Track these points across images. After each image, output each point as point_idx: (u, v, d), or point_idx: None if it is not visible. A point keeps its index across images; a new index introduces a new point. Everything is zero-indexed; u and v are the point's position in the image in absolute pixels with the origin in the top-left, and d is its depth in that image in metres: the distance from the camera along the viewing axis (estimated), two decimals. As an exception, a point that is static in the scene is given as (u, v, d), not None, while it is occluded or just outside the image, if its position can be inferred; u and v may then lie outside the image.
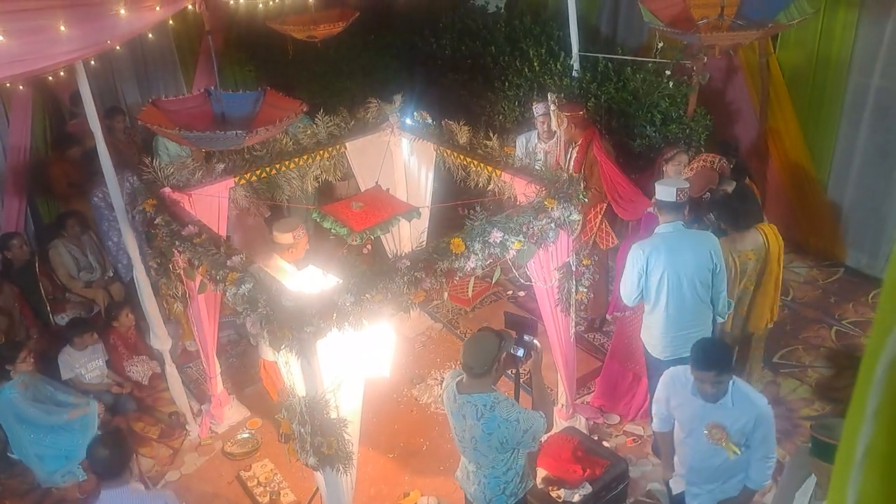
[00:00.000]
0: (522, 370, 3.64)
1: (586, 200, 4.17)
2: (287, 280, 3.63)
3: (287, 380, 3.46)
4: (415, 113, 4.95)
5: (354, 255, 5.03)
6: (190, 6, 3.71)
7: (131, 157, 6.29)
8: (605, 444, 4.60)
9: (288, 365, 3.37)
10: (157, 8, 3.51)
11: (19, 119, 6.33)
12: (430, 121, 4.87)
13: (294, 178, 4.63)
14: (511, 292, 6.35)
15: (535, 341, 3.31)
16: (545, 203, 3.80)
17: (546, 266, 4.07)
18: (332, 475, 3.44)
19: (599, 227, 5.38)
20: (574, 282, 4.23)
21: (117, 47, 3.92)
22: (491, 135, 4.43)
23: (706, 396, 3.22)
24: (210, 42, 4.00)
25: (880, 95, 5.71)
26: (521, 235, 3.70)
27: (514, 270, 4.01)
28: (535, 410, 3.20)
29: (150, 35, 4.28)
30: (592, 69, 6.09)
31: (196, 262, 3.62)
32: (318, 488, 4.00)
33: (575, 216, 3.93)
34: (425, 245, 3.62)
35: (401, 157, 5.20)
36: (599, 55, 6.15)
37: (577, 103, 5.41)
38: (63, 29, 3.06)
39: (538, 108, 5.50)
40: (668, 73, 5.65)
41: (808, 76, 6.05)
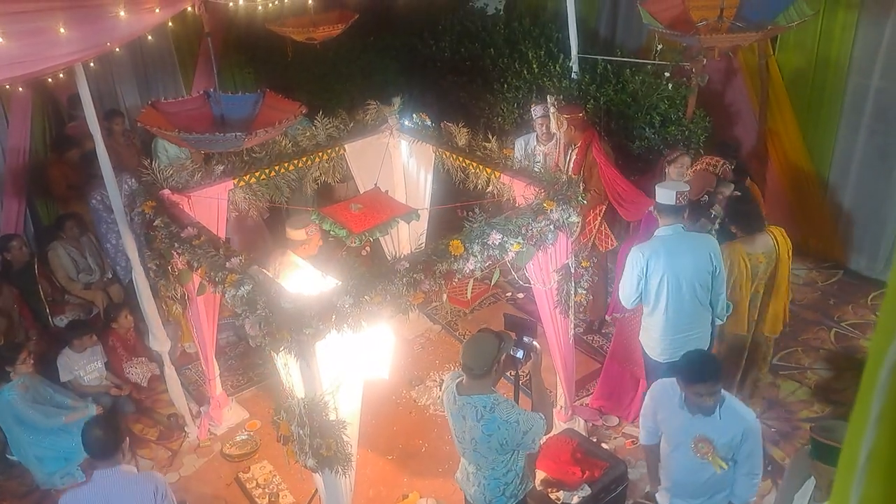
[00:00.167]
0: (522, 372, 3.63)
1: (585, 202, 4.17)
2: (300, 275, 3.64)
3: (286, 381, 3.46)
4: (414, 115, 4.95)
5: (353, 257, 5.03)
6: (189, 8, 3.71)
7: (130, 159, 6.29)
8: (603, 445, 4.59)
9: (287, 367, 3.37)
10: (157, 10, 3.52)
11: (19, 121, 6.34)
12: (429, 123, 4.88)
13: (293, 179, 4.64)
14: (510, 294, 6.34)
15: (535, 343, 3.31)
16: (544, 205, 3.79)
17: (545, 268, 4.07)
18: (330, 477, 3.44)
19: (599, 230, 5.38)
20: (573, 284, 4.23)
21: (117, 49, 3.92)
22: (490, 137, 4.44)
23: (701, 409, 3.17)
24: (209, 44, 4.00)
25: (880, 97, 5.71)
26: (519, 237, 3.70)
27: (513, 272, 4.01)
28: (534, 412, 3.20)
29: (150, 37, 4.28)
30: (591, 71, 6.09)
31: (195, 264, 3.62)
32: (316, 490, 3.99)
33: (574, 218, 3.93)
34: (424, 247, 3.61)
35: (400, 159, 5.20)
36: (598, 57, 6.15)
37: (576, 105, 5.41)
38: (62, 31, 3.06)
39: (537, 111, 5.50)
40: (667, 74, 5.65)
41: (807, 78, 6.05)
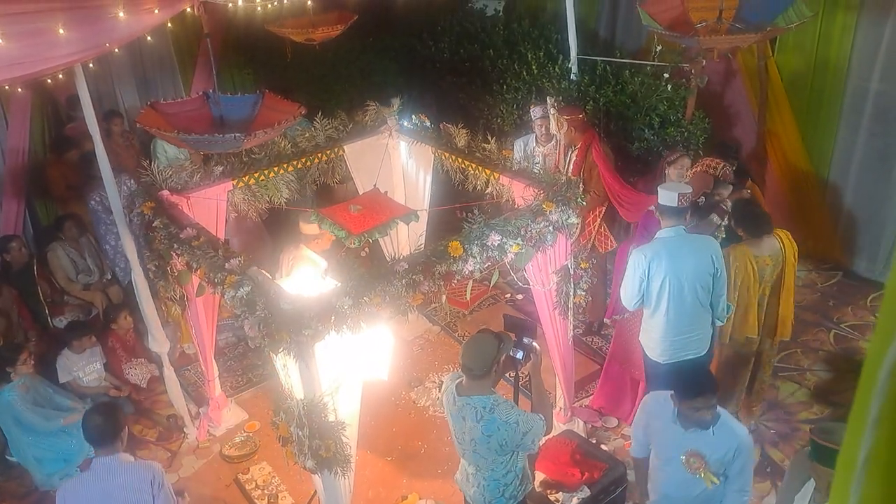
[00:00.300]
0: (521, 373, 3.63)
1: (584, 204, 4.17)
2: (314, 268, 3.65)
3: (285, 383, 3.46)
4: (413, 116, 4.95)
5: (352, 258, 5.03)
6: (188, 9, 3.71)
7: (129, 160, 6.29)
8: (603, 447, 4.59)
9: (286, 368, 3.36)
10: (156, 11, 3.52)
11: (18, 121, 6.33)
12: (428, 124, 4.88)
13: (292, 180, 4.64)
14: (509, 295, 6.34)
15: (535, 344, 3.31)
16: (543, 206, 3.79)
17: (544, 269, 4.07)
18: (330, 478, 3.43)
19: (598, 231, 5.38)
20: (572, 285, 4.23)
21: (116, 50, 3.93)
22: (489, 138, 4.44)
23: (697, 424, 3.13)
24: (208, 45, 4.01)
25: (879, 99, 5.72)
26: (519, 238, 3.69)
27: (512, 274, 4.01)
28: (534, 413, 3.19)
29: (149, 38, 4.28)
30: (591, 72, 6.09)
31: (194, 265, 3.61)
32: (316, 491, 3.99)
33: (573, 219, 3.93)
34: (423, 248, 3.61)
35: (399, 160, 5.19)
36: (598, 58, 6.15)
37: (576, 107, 5.41)
38: (62, 32, 3.05)
39: (536, 112, 5.50)
40: (666, 76, 5.65)
41: (806, 80, 6.05)
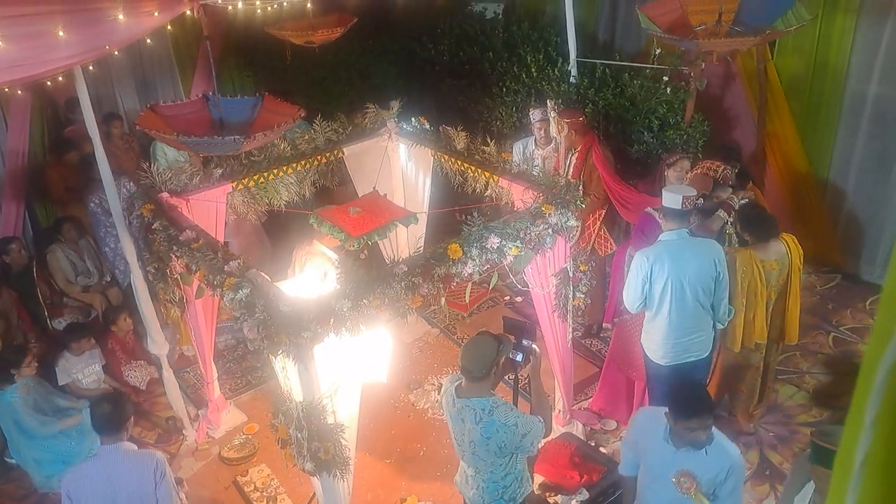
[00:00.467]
0: (521, 375, 3.63)
1: (584, 206, 4.17)
2: (327, 263, 3.63)
3: (284, 385, 3.46)
4: (412, 118, 4.95)
5: (351, 261, 5.02)
6: (188, 12, 3.72)
7: (129, 162, 6.29)
8: (602, 449, 4.59)
9: (285, 370, 3.36)
10: (156, 13, 3.52)
11: (18, 123, 6.33)
12: (427, 126, 4.88)
13: (292, 183, 4.64)
14: (508, 298, 6.34)
15: (534, 346, 3.31)
16: (542, 209, 3.79)
17: (543, 272, 4.07)
18: (328, 480, 3.43)
19: (598, 234, 5.38)
20: (571, 287, 4.23)
21: (115, 53, 3.92)
22: (488, 140, 4.44)
23: (692, 444, 3.08)
24: (208, 47, 4.01)
25: (878, 102, 5.72)
26: (518, 241, 3.69)
27: (511, 276, 4.01)
28: (533, 415, 3.19)
29: (149, 40, 4.27)
30: (590, 75, 6.09)
31: (193, 267, 3.61)
32: (314, 493, 3.99)
33: (572, 222, 3.93)
34: (423, 250, 3.61)
35: (398, 162, 5.20)
36: (597, 61, 6.15)
37: (576, 109, 5.41)
38: (62, 34, 3.05)
39: (535, 115, 5.50)
40: (665, 79, 5.66)
41: (805, 83, 6.06)
